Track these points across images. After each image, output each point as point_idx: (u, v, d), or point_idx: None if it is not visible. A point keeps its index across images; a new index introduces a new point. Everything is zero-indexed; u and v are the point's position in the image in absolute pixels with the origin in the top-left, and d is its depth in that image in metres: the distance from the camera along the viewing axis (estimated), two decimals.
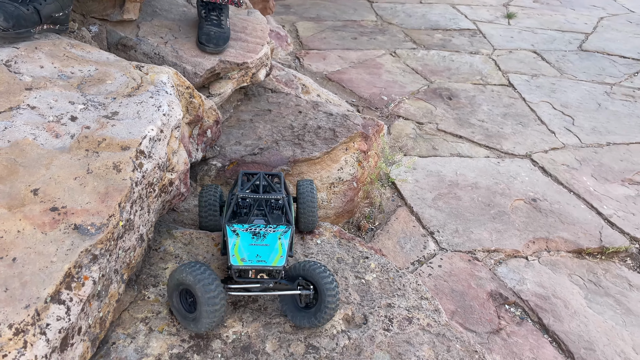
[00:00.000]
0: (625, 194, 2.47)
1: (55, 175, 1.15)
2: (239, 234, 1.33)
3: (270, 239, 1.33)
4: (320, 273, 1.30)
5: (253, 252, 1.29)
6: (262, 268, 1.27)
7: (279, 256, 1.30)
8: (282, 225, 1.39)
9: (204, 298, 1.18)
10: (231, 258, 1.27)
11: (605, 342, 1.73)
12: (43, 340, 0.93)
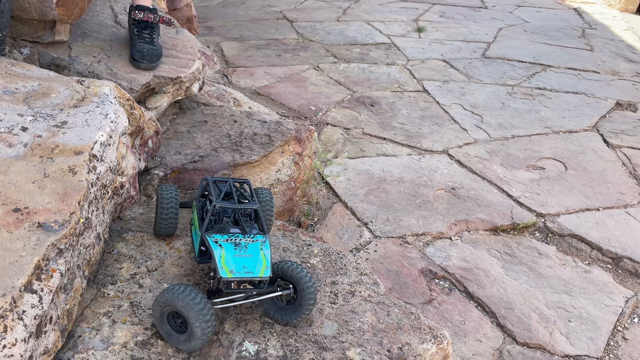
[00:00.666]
0: (530, 178, 2.80)
1: (14, 180, 1.22)
2: (222, 245, 1.35)
3: (252, 250, 1.37)
4: (298, 273, 1.38)
5: (239, 263, 1.33)
6: (251, 279, 1.31)
7: (264, 267, 1.34)
8: (259, 234, 1.43)
9: (196, 320, 1.22)
10: (220, 270, 1.29)
11: (522, 302, 1.98)
12: (21, 325, 1.01)
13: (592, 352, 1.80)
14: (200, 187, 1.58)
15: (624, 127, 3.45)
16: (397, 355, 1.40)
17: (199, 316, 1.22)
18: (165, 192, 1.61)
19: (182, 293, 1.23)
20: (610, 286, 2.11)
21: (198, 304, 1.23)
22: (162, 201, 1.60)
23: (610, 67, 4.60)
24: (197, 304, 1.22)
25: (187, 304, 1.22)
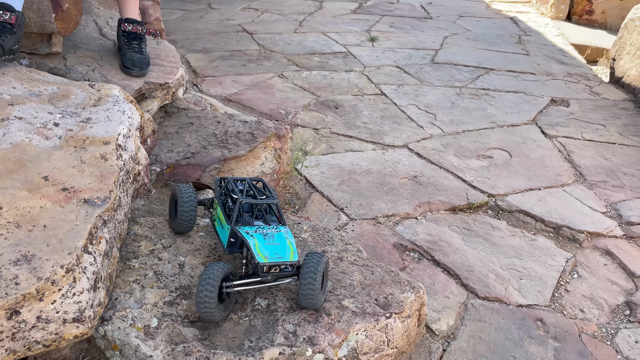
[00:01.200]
0: (480, 165, 3.16)
1: (57, 166, 1.43)
2: (253, 236, 1.53)
3: (279, 239, 1.56)
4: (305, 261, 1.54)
5: (271, 250, 1.52)
6: (283, 263, 1.51)
7: (292, 252, 1.54)
8: (280, 225, 1.63)
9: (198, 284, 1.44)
10: (257, 257, 1.48)
11: (480, 265, 2.31)
12: (85, 278, 1.22)
13: (540, 302, 2.14)
14: (217, 185, 1.78)
15: (559, 120, 3.89)
16: (383, 302, 1.68)
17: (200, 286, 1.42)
18: (184, 192, 1.74)
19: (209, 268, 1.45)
20: (552, 250, 2.47)
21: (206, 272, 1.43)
22: (181, 201, 1.73)
23: (545, 69, 5.10)
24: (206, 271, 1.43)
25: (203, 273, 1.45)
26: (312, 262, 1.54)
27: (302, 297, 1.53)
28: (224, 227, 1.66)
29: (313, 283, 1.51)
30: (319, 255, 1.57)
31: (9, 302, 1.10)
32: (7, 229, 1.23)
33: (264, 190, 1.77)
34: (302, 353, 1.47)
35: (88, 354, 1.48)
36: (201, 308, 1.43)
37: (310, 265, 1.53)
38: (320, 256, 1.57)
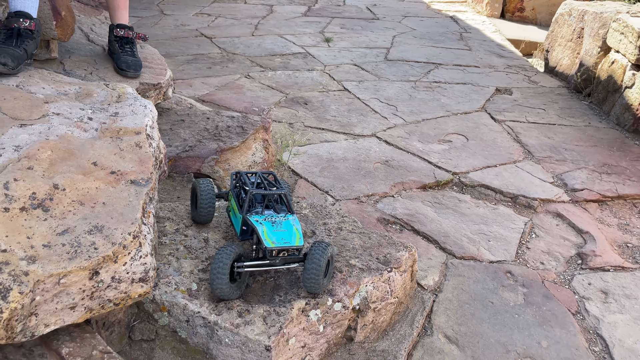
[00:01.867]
0: (442, 149, 3.51)
1: (101, 153, 1.62)
2: (262, 223, 1.67)
3: (286, 226, 1.69)
4: (311, 249, 1.66)
5: (278, 236, 1.65)
6: (289, 247, 1.64)
7: (298, 238, 1.67)
8: (289, 214, 1.76)
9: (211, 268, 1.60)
10: (264, 242, 1.62)
11: (454, 232, 2.63)
12: (146, 244, 1.43)
13: (507, 258, 2.49)
14: (232, 179, 1.93)
15: (505, 106, 4.32)
16: (383, 260, 1.95)
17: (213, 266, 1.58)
18: (203, 186, 1.89)
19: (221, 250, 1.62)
20: (512, 216, 2.83)
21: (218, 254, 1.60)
22: (201, 195, 1.89)
23: (487, 62, 5.57)
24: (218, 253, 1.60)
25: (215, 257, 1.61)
26: (318, 250, 1.66)
27: (306, 281, 1.64)
28: (237, 217, 1.80)
29: (317, 269, 1.62)
30: (325, 244, 1.68)
31: (92, 264, 1.29)
32: (73, 206, 1.41)
33: (275, 182, 1.93)
34: (324, 303, 1.72)
35: (138, 317, 1.67)
36: (215, 286, 1.58)
37: (316, 253, 1.64)
38: (326, 245, 1.68)
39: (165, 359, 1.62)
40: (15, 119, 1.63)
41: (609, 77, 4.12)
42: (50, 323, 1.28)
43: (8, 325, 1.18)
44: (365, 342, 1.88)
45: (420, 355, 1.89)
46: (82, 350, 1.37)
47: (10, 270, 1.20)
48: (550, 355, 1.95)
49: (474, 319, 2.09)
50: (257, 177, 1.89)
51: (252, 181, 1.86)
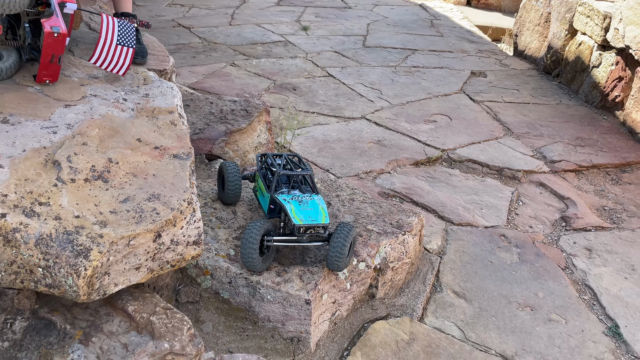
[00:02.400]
0: (428, 128, 3.71)
1: (142, 131, 1.73)
2: (290, 202, 1.76)
3: (312, 205, 1.78)
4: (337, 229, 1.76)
5: (305, 214, 1.74)
6: (316, 225, 1.73)
7: (324, 216, 1.76)
8: (314, 194, 1.85)
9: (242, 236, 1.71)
10: (293, 219, 1.71)
11: (449, 202, 2.83)
12: (198, 209, 1.55)
13: (500, 223, 2.71)
14: (257, 160, 2.03)
15: (481, 88, 4.57)
16: (397, 225, 2.13)
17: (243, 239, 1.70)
18: (229, 169, 1.99)
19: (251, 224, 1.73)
20: (500, 187, 3.06)
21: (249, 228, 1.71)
22: (227, 177, 1.99)
23: (459, 47, 5.82)
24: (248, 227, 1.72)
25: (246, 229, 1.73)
26: (343, 231, 1.75)
27: (330, 258, 1.73)
28: (265, 196, 1.89)
29: (341, 249, 1.72)
30: (350, 226, 1.77)
31: (157, 226, 1.41)
32: (127, 178, 1.52)
33: (299, 164, 2.02)
34: (350, 262, 1.88)
35: (182, 282, 1.79)
36: (245, 259, 1.69)
37: (341, 233, 1.74)
38: (350, 227, 1.77)
39: (210, 318, 1.75)
40: (59, 100, 1.72)
41: (577, 58, 4.41)
42: (119, 282, 1.40)
43: (90, 282, 1.30)
44: (385, 298, 2.05)
45: (434, 309, 2.08)
46: (146, 308, 1.49)
47: (87, 233, 1.31)
48: (547, 304, 2.17)
49: (476, 276, 2.30)
50: (282, 158, 1.97)
51: (278, 163, 1.95)
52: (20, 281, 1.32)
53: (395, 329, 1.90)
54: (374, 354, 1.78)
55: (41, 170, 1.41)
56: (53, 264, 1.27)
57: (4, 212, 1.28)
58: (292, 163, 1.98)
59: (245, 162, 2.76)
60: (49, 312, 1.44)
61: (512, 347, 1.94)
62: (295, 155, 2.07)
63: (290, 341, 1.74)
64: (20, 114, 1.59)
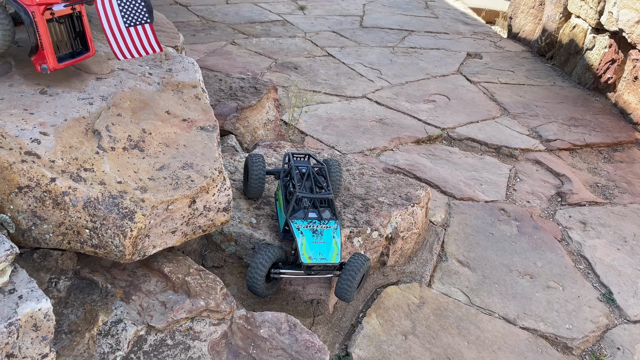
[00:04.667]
0: (428, 107, 3.82)
1: (170, 104, 1.80)
2: (303, 233, 1.69)
3: (326, 236, 1.70)
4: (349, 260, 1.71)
5: (316, 250, 1.66)
6: (325, 264, 1.66)
7: (335, 254, 1.68)
8: (332, 220, 1.75)
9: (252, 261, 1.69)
10: (301, 257, 1.65)
11: (451, 178, 2.95)
12: (227, 178, 1.64)
13: (499, 198, 2.83)
14: (283, 162, 1.96)
15: (477, 69, 4.67)
16: (405, 197, 2.24)
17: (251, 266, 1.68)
18: (254, 163, 1.92)
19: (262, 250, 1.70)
20: (498, 164, 3.18)
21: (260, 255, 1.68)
22: (251, 170, 1.91)
23: (454, 29, 5.90)
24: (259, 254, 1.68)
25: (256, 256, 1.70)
26: (356, 262, 1.69)
27: (339, 289, 1.70)
28: (282, 213, 1.82)
29: (351, 283, 1.68)
30: (363, 259, 1.72)
31: (192, 192, 1.50)
32: (161, 147, 1.60)
33: (324, 176, 1.89)
34: (364, 231, 1.99)
35: (207, 248, 1.89)
36: (250, 283, 1.70)
37: (353, 265, 1.69)
38: (364, 260, 1.72)
39: (235, 281, 1.85)
40: (90, 73, 1.78)
41: (571, 41, 4.52)
42: (157, 245, 1.49)
43: (134, 242, 1.39)
44: (395, 266, 2.17)
45: (440, 276, 2.21)
46: (181, 269, 1.59)
47: (130, 197, 1.40)
48: (545, 273, 2.31)
49: (479, 247, 2.42)
50: (307, 169, 1.87)
51: (302, 172, 1.87)
52: (67, 242, 1.40)
53: (406, 293, 2.02)
54: (387, 315, 1.90)
55: (83, 139, 1.49)
56: (100, 226, 1.36)
57: (53, 176, 1.35)
58: (315, 176, 1.87)
59: (255, 138, 2.84)
60: (90, 273, 1.53)
61: (514, 311, 2.07)
62: (321, 165, 1.94)
63: (310, 303, 1.85)
64: (57, 85, 1.65)
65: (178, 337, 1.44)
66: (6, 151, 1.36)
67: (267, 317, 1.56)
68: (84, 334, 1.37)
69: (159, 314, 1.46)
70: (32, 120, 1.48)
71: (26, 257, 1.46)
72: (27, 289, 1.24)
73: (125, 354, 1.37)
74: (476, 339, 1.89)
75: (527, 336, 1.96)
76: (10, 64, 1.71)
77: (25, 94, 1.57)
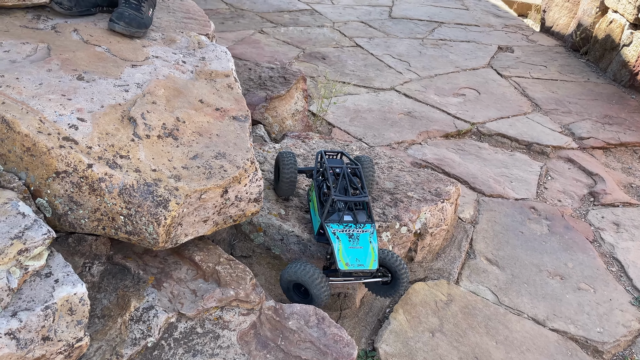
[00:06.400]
0: (457, 101, 3.76)
1: (203, 92, 1.80)
2: (339, 238, 1.64)
3: (363, 241, 1.65)
4: (394, 262, 1.69)
5: (353, 256, 1.61)
6: (362, 270, 1.61)
7: (373, 260, 1.62)
8: (368, 224, 1.70)
9: (316, 289, 1.60)
10: (338, 263, 1.59)
11: (480, 174, 2.90)
12: (259, 169, 1.64)
13: (530, 196, 2.78)
14: (316, 161, 1.92)
15: (509, 63, 4.58)
16: (435, 193, 2.21)
17: (317, 287, 1.61)
18: (285, 160, 1.88)
19: (304, 270, 1.61)
20: (529, 161, 3.12)
21: (317, 279, 1.60)
22: (283, 169, 1.88)
23: (485, 22, 5.79)
24: (315, 279, 1.60)
25: (308, 278, 1.61)
26: (402, 266, 1.69)
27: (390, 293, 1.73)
28: (316, 215, 1.78)
29: (405, 287, 1.72)
30: (399, 258, 1.71)
31: (225, 182, 1.49)
32: (194, 136, 1.61)
33: (358, 177, 1.84)
34: (393, 226, 1.97)
35: (236, 237, 1.89)
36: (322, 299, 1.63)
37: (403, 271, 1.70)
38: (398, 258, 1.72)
39: (263, 272, 1.85)
40: (125, 60, 1.79)
41: (607, 36, 4.40)
42: (189, 233, 1.50)
43: (168, 230, 1.39)
44: (423, 262, 2.15)
45: (469, 274, 2.18)
46: (211, 258, 1.59)
47: (165, 185, 1.40)
48: (576, 274, 2.26)
49: (508, 245, 2.38)
50: (341, 175, 1.81)
51: (336, 172, 1.83)
52: (102, 228, 1.41)
53: (433, 290, 2.00)
54: (415, 312, 1.88)
55: (119, 126, 1.50)
56: (134, 213, 1.37)
57: (90, 162, 1.36)
58: (349, 177, 1.82)
59: (283, 128, 2.83)
60: (122, 258, 1.54)
61: (544, 312, 2.04)
62: (356, 166, 1.88)
63: (337, 296, 1.85)
64: (93, 71, 1.66)
65: (208, 325, 1.45)
66: (45, 136, 1.37)
67: (295, 309, 1.56)
68: (117, 319, 1.39)
69: (189, 301, 1.47)
70: (69, 105, 1.49)
71: (61, 241, 1.48)
72: (63, 273, 1.26)
73: (156, 340, 1.38)
74: (505, 339, 1.86)
75: (557, 338, 1.93)
76: (48, 48, 1.72)
77: (63, 80, 1.58)
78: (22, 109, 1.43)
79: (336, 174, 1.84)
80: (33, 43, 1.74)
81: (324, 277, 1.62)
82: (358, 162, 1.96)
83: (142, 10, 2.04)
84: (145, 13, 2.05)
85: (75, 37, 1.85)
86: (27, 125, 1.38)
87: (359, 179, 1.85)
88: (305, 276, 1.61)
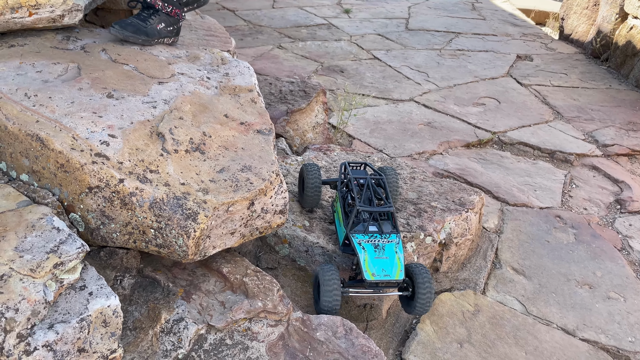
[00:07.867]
0: (477, 111, 3.75)
1: (227, 107, 1.83)
2: (365, 248, 1.65)
3: (389, 251, 1.65)
4: (419, 275, 1.66)
5: (379, 266, 1.62)
6: (389, 281, 1.60)
7: (399, 270, 1.63)
8: (393, 234, 1.70)
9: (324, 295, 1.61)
10: (365, 274, 1.60)
11: (503, 183, 2.89)
12: (284, 181, 1.66)
13: (554, 205, 2.75)
14: (340, 172, 1.92)
15: (528, 72, 4.56)
16: (459, 202, 2.20)
17: (325, 292, 1.61)
18: (310, 172, 1.90)
19: (322, 270, 1.64)
20: (552, 169, 3.09)
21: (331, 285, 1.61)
22: (307, 180, 1.90)
23: (503, 31, 5.78)
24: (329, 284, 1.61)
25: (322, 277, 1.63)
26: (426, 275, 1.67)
27: (419, 307, 1.68)
28: (341, 226, 1.79)
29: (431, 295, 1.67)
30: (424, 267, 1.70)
31: (251, 195, 1.52)
32: (220, 150, 1.63)
33: (383, 187, 1.85)
34: (418, 236, 1.97)
35: (262, 249, 1.91)
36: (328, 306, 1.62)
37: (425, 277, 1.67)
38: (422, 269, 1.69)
39: (288, 283, 1.86)
40: (152, 77, 1.84)
41: (628, 43, 4.35)
42: (217, 245, 1.52)
43: (197, 243, 1.41)
44: (448, 272, 2.14)
45: (495, 284, 2.16)
46: (239, 270, 1.61)
47: (193, 199, 1.43)
48: (605, 283, 2.22)
49: (534, 254, 2.36)
50: (365, 186, 1.82)
51: (360, 183, 1.85)
52: (133, 241, 1.44)
53: (460, 300, 1.98)
54: (442, 323, 1.87)
55: (148, 141, 1.53)
56: (165, 226, 1.39)
57: (122, 177, 1.40)
58: (374, 187, 1.84)
59: (304, 141, 2.85)
60: (152, 271, 1.57)
61: (573, 322, 2.01)
62: (380, 176, 1.90)
63: (363, 308, 1.85)
64: (122, 89, 1.71)
65: (237, 337, 1.46)
66: (78, 152, 1.41)
67: (322, 320, 1.56)
68: (148, 331, 1.41)
69: (218, 313, 1.49)
70: (100, 123, 1.53)
71: (94, 255, 1.52)
72: (97, 286, 1.29)
73: (186, 351, 1.39)
74: (534, 350, 1.84)
75: (588, 348, 1.90)
76: (78, 68, 1.78)
77: (93, 98, 1.63)
78: (56, 127, 1.48)
79: (360, 184, 1.85)
80: (64, 63, 1.79)
81: (337, 284, 1.62)
82: (382, 173, 1.97)
83: (149, 21, 2.09)
84: (151, 25, 2.09)
85: (103, 57, 1.91)
86: (61, 143, 1.42)
87: (383, 189, 1.86)
88: (322, 277, 1.62)
